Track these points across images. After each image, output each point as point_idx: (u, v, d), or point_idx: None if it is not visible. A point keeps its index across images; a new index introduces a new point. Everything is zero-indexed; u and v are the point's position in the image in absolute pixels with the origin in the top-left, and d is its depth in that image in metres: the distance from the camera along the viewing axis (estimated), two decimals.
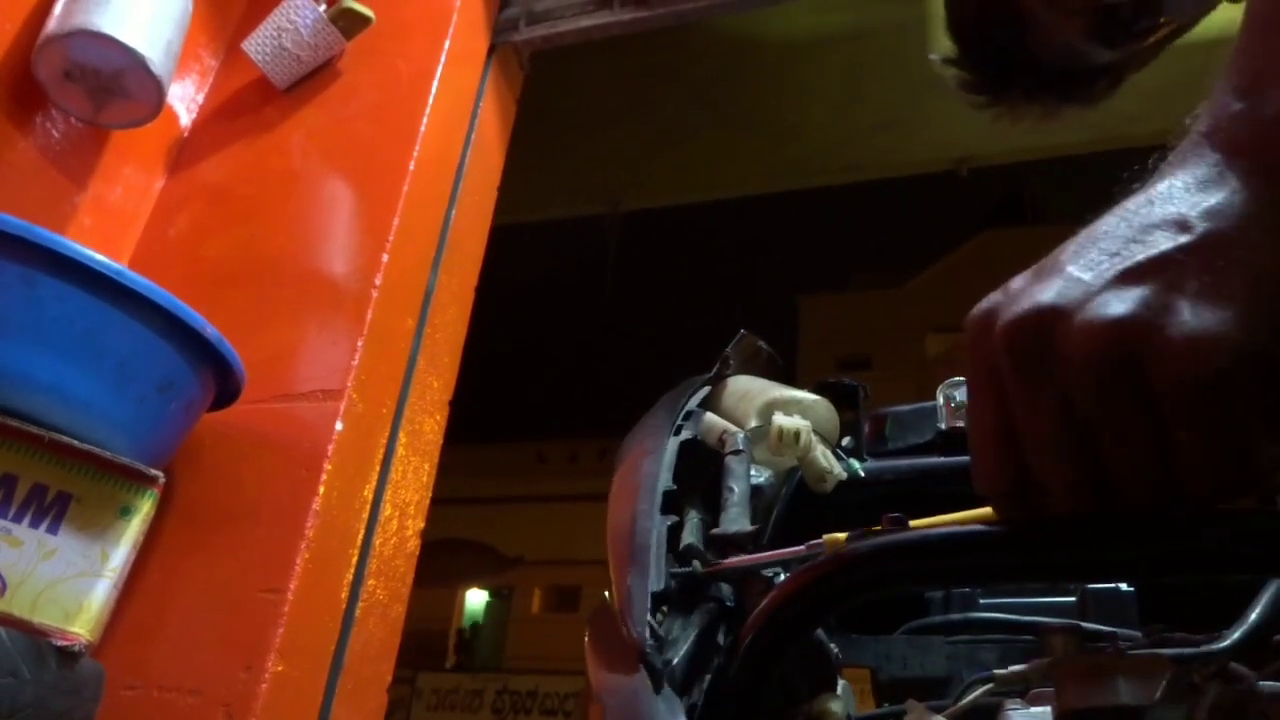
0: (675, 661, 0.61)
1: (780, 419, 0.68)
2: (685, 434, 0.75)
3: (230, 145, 1.84)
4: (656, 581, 0.61)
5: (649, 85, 3.93)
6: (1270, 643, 0.49)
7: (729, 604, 0.63)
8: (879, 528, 0.42)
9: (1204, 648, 0.51)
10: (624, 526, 0.67)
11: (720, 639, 0.61)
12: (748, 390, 0.74)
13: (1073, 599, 0.71)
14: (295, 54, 1.79)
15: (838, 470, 0.67)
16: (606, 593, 0.65)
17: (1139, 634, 0.62)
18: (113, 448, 1.19)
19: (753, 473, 0.83)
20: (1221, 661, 0.43)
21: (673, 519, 0.66)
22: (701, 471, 0.82)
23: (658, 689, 0.54)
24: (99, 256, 1.15)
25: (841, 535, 0.57)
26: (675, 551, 0.65)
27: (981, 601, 0.74)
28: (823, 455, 0.67)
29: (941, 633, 0.70)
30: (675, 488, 0.69)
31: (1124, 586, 0.70)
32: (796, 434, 0.66)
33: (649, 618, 0.58)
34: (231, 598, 1.33)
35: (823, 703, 0.47)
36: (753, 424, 0.70)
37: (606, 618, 0.62)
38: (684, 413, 0.78)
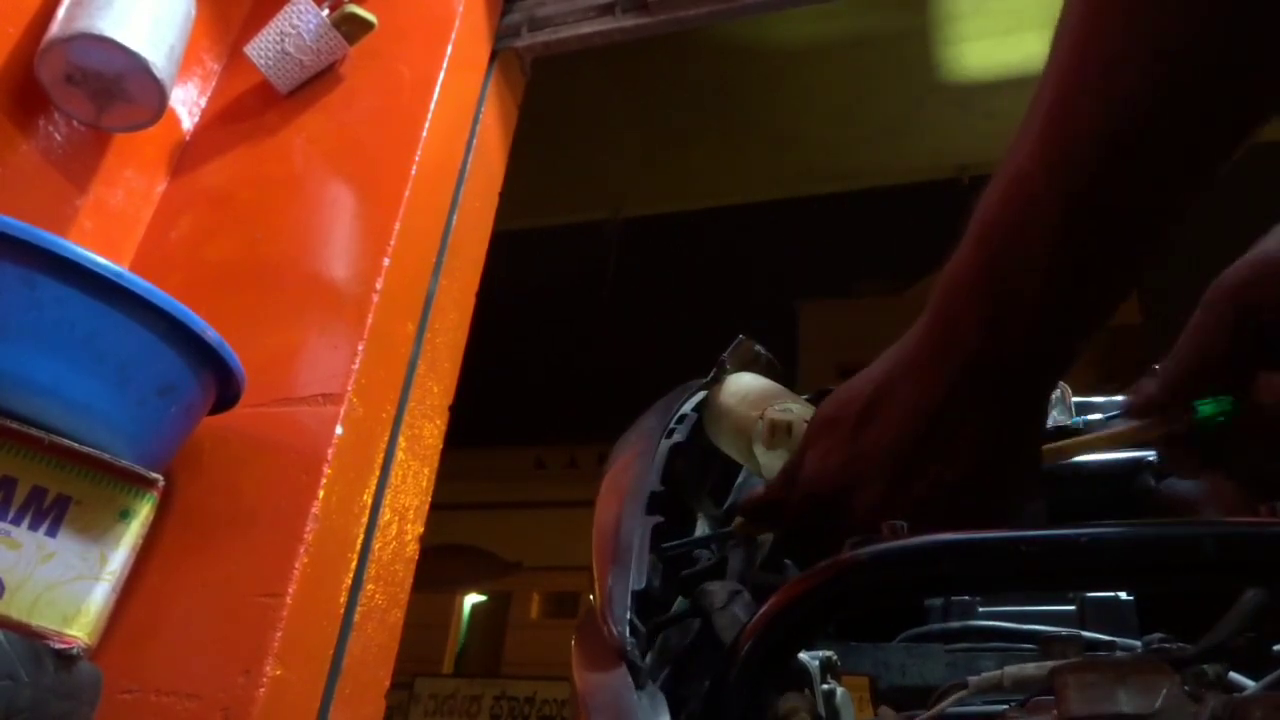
0: (668, 668, 0.61)
1: (772, 413, 0.68)
2: (677, 437, 0.75)
3: (232, 149, 1.84)
4: (637, 580, 0.60)
5: (651, 92, 3.94)
6: (1272, 652, 0.49)
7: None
8: (879, 534, 0.42)
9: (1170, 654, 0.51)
10: (608, 527, 0.67)
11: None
12: (748, 391, 0.74)
13: (1072, 608, 0.71)
14: (298, 58, 1.80)
15: None
16: (591, 595, 0.65)
17: (1138, 643, 0.62)
18: (112, 451, 1.19)
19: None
20: (1221, 670, 0.43)
21: (658, 519, 0.66)
22: (708, 470, 0.82)
23: (640, 685, 0.54)
24: (100, 259, 1.15)
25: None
26: (658, 552, 0.65)
27: (981, 610, 0.73)
28: None
29: (940, 641, 0.70)
30: (663, 489, 0.69)
31: (1123, 595, 0.70)
32: (788, 426, 0.66)
33: (629, 615, 0.58)
34: (230, 602, 1.33)
35: (788, 702, 0.47)
36: (756, 422, 0.70)
37: (590, 621, 0.62)
38: (677, 416, 0.78)
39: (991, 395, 0.47)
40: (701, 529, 0.77)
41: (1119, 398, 0.58)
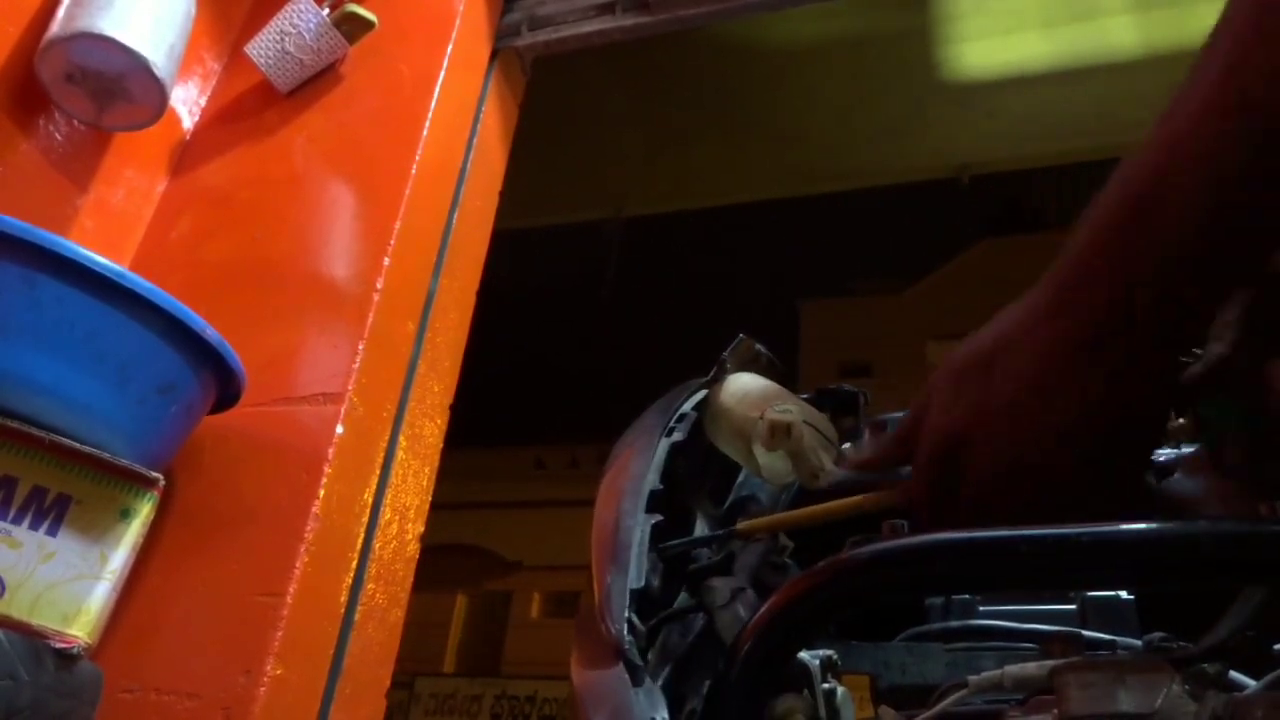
0: (669, 666, 0.61)
1: (771, 413, 0.68)
2: (677, 436, 0.75)
3: (232, 148, 1.84)
4: (636, 579, 0.61)
5: (652, 91, 3.94)
6: (1272, 651, 0.49)
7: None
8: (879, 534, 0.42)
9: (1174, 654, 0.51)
10: (607, 525, 0.67)
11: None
12: (747, 391, 0.74)
13: (1072, 607, 0.71)
14: (298, 58, 1.80)
15: (830, 468, 0.66)
16: (590, 593, 0.65)
17: (1139, 642, 0.62)
18: (113, 450, 1.19)
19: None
20: (1221, 670, 0.43)
21: (657, 518, 0.66)
22: (707, 469, 0.82)
23: (637, 683, 0.54)
24: (100, 258, 1.15)
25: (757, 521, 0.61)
26: (657, 550, 0.65)
27: (981, 609, 0.74)
28: (813, 452, 0.66)
29: (940, 640, 0.70)
30: (663, 488, 0.69)
31: (1124, 595, 0.70)
32: (788, 427, 0.66)
33: (627, 614, 0.58)
34: (230, 601, 1.33)
35: (785, 703, 0.47)
36: (756, 423, 0.69)
37: (589, 619, 0.62)
38: (677, 415, 0.78)
39: (1122, 344, 0.44)
40: (700, 528, 0.77)
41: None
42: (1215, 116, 0.41)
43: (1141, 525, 0.38)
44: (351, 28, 1.80)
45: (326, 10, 1.78)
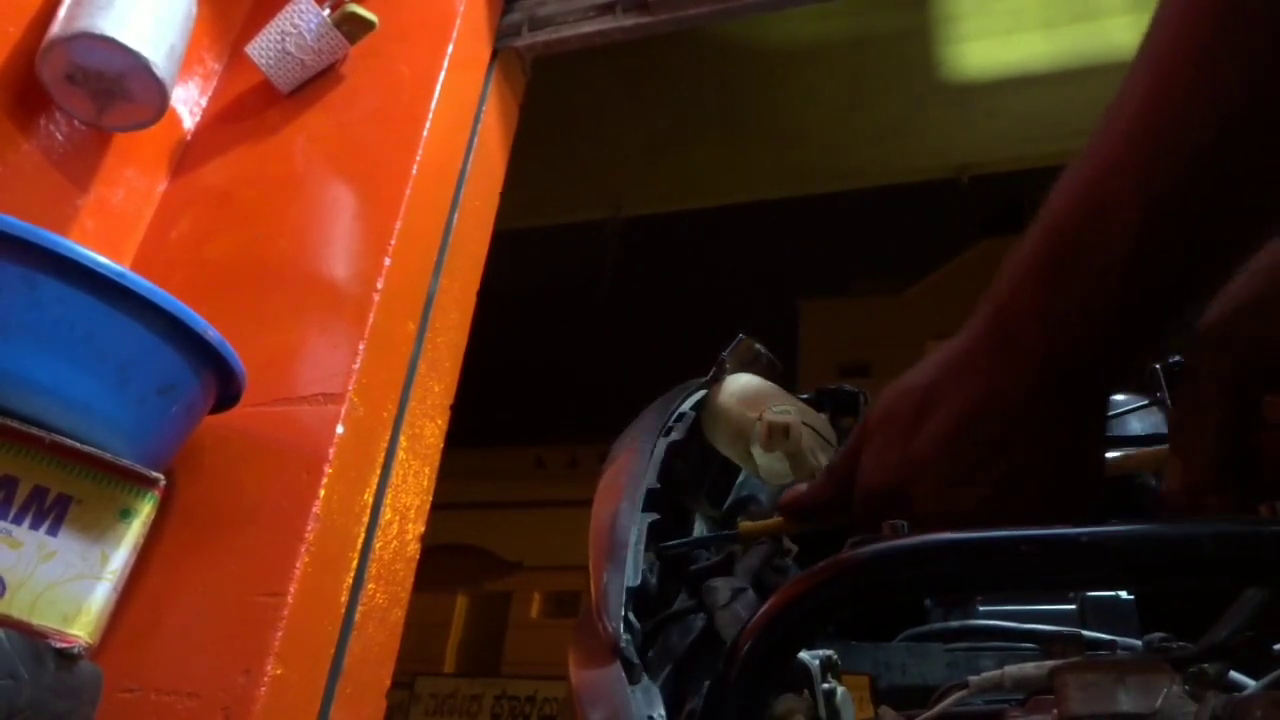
0: (669, 666, 0.61)
1: (770, 414, 0.68)
2: (675, 435, 0.75)
3: (233, 148, 1.84)
4: (633, 577, 0.61)
5: (652, 91, 3.94)
6: (1272, 651, 0.49)
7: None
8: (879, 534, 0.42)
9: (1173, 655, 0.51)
10: (604, 524, 0.67)
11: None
12: (746, 392, 0.74)
13: (1072, 607, 0.71)
14: (298, 58, 1.80)
15: None
16: (588, 593, 0.65)
17: (1139, 643, 0.62)
18: (113, 450, 1.19)
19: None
20: (1220, 670, 0.43)
21: (654, 517, 0.66)
22: (706, 469, 0.82)
23: (634, 681, 0.54)
24: (101, 258, 1.15)
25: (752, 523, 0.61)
26: (655, 549, 0.65)
27: (981, 609, 0.74)
28: (811, 453, 0.66)
29: (940, 640, 0.70)
30: (660, 487, 0.69)
31: (1124, 595, 0.70)
32: (786, 428, 0.66)
33: (624, 612, 0.58)
34: (231, 601, 1.33)
35: (785, 703, 0.47)
36: (754, 424, 0.70)
37: (588, 620, 0.63)
38: (675, 414, 0.78)
39: (1049, 394, 0.45)
40: (699, 528, 0.77)
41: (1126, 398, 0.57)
42: (1126, 173, 0.40)
43: (1142, 526, 0.38)
44: (352, 28, 1.81)
45: (327, 10, 1.79)
